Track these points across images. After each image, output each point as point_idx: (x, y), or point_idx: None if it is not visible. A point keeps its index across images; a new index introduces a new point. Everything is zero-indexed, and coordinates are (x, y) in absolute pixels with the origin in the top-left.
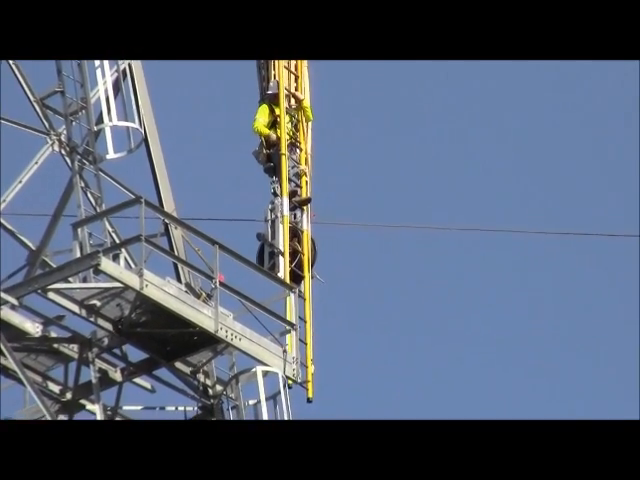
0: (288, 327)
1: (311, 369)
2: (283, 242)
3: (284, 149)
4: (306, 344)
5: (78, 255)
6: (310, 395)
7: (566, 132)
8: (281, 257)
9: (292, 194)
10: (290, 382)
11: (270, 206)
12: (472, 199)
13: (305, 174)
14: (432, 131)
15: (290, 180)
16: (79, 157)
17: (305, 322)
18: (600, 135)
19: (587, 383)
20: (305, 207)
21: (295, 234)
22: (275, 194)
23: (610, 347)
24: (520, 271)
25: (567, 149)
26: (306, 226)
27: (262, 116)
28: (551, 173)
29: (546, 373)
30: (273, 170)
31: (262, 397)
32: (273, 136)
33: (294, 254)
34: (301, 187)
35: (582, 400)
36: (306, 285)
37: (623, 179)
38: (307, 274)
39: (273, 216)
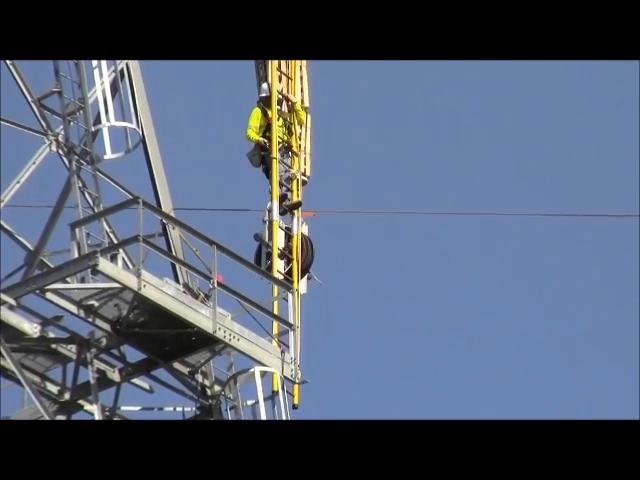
0: (285, 327)
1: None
2: (272, 246)
3: (275, 153)
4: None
5: (76, 255)
6: (296, 401)
7: (564, 129)
8: (278, 259)
9: (282, 198)
10: (275, 381)
11: (268, 205)
12: (471, 193)
13: (296, 178)
14: (432, 129)
15: (281, 184)
16: (77, 157)
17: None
18: (599, 134)
19: (587, 383)
20: (296, 211)
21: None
22: None
23: (610, 347)
24: (520, 263)
25: (565, 145)
26: (296, 230)
27: (254, 121)
28: (549, 167)
29: (546, 372)
30: (269, 172)
31: (260, 397)
32: (261, 141)
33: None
34: (292, 191)
35: (582, 400)
36: (295, 290)
37: (621, 176)
38: (296, 280)
39: (270, 217)
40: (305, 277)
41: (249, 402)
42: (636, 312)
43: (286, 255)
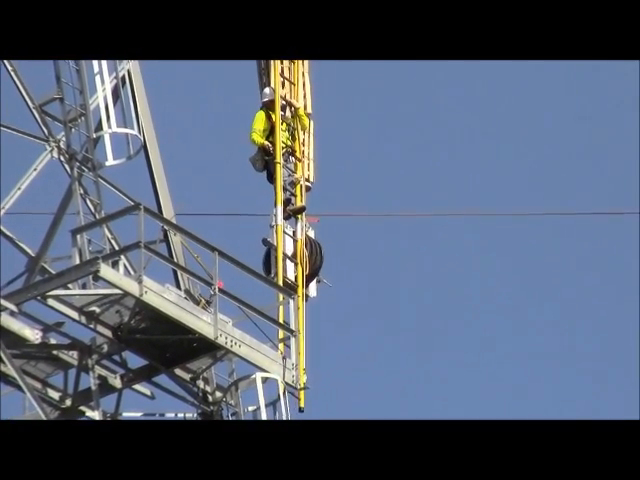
0: (288, 333)
1: (303, 379)
2: (277, 251)
3: (279, 157)
4: (299, 353)
5: (77, 262)
6: (302, 405)
7: (563, 129)
8: (289, 263)
9: (286, 203)
10: (281, 385)
11: (274, 210)
12: (475, 194)
13: (300, 182)
14: (433, 132)
15: (285, 189)
16: (78, 164)
17: (298, 332)
18: (598, 133)
19: (587, 383)
20: (300, 215)
21: (304, 243)
22: None
23: (610, 347)
24: (526, 263)
25: (565, 144)
26: (300, 235)
27: (258, 125)
28: (549, 166)
29: (546, 372)
30: (272, 177)
31: (262, 403)
32: (266, 145)
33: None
34: (296, 196)
35: (582, 400)
36: (299, 295)
37: (620, 174)
38: (300, 284)
39: (275, 222)
40: (315, 280)
41: (250, 408)
42: (636, 311)
43: (296, 259)
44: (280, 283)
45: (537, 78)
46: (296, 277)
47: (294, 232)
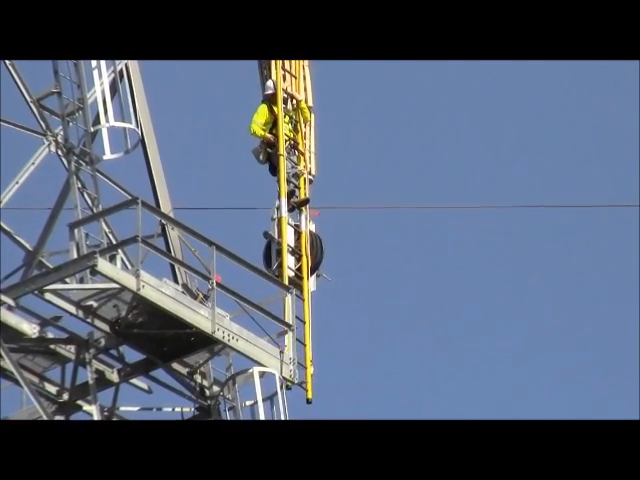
0: (285, 328)
1: (310, 370)
2: (281, 243)
3: (282, 150)
4: (305, 345)
5: (75, 256)
6: (309, 396)
7: (563, 126)
8: (289, 256)
9: (289, 195)
10: (289, 383)
11: (277, 203)
12: (476, 187)
13: (303, 175)
14: (434, 126)
15: (289, 181)
16: (76, 158)
17: (304, 323)
18: (597, 130)
19: (587, 383)
20: (304, 208)
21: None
22: None
23: (610, 348)
24: (530, 259)
25: (566, 142)
26: (304, 227)
27: (260, 117)
28: (551, 161)
29: (546, 372)
30: (275, 169)
31: (259, 398)
32: (269, 137)
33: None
34: (299, 188)
35: (582, 400)
36: (305, 286)
37: (620, 169)
38: (306, 276)
39: (279, 214)
40: (314, 275)
41: (248, 402)
42: (636, 309)
43: (297, 252)
44: (285, 275)
45: (537, 78)
46: (297, 269)
47: (297, 225)
